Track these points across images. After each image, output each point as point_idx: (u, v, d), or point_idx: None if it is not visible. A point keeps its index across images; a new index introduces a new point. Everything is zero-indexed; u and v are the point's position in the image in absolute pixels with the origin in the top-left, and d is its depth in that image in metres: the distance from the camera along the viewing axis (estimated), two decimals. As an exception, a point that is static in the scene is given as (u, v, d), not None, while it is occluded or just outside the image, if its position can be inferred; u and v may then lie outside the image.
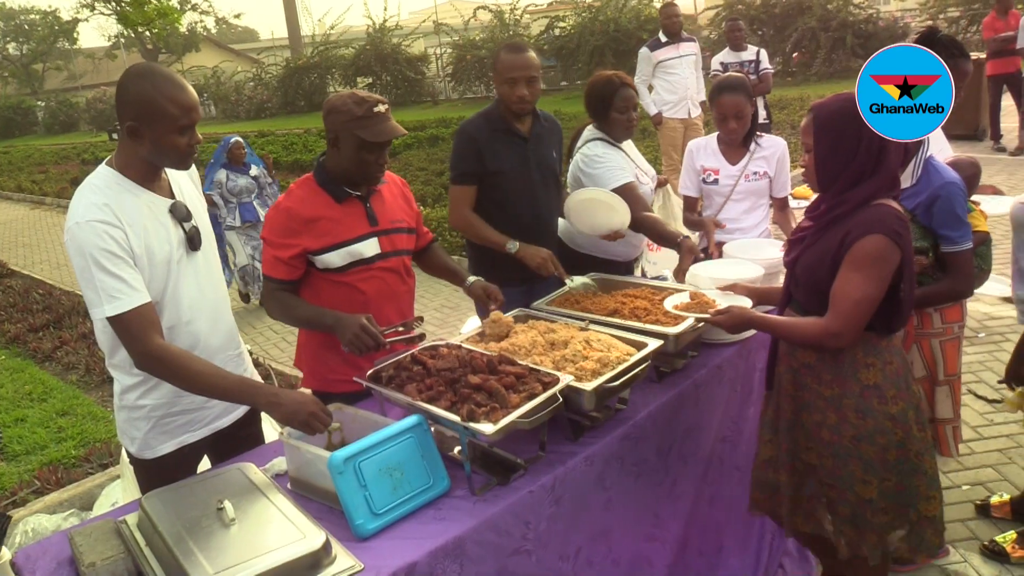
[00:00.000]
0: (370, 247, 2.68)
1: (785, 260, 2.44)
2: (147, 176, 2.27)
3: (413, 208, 2.93)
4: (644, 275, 4.05)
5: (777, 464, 2.49)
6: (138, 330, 2.11)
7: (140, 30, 30.62)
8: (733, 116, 3.49)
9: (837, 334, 2.18)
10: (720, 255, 3.26)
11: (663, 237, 3.34)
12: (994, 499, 3.34)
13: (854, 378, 2.26)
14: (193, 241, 2.34)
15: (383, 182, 2.78)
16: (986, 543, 3.13)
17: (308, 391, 2.95)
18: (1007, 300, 3.26)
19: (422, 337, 2.53)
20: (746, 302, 2.53)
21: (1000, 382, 3.65)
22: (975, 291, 2.97)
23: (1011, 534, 3.11)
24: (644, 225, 3.39)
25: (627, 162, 3.58)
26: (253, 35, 62.85)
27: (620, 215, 3.33)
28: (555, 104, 17.67)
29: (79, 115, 35.19)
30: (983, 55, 9.84)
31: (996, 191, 3.50)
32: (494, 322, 2.63)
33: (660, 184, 4.02)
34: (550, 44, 22.21)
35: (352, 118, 2.52)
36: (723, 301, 2.54)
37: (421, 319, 2.67)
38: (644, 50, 8.01)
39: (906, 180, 2.74)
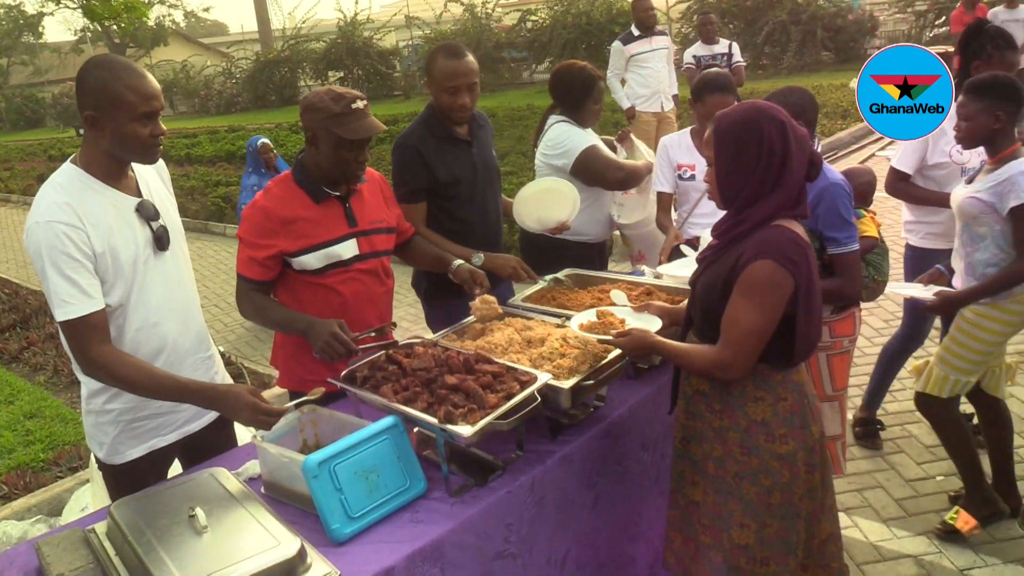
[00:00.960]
0: (348, 248, 2.63)
1: (690, 280, 2.33)
2: (112, 173, 2.21)
3: (393, 206, 2.87)
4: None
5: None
6: (84, 337, 2.10)
7: (107, 24, 30.10)
8: None
9: (726, 365, 2.06)
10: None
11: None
12: None
13: (742, 411, 2.13)
14: (161, 241, 2.29)
15: (363, 180, 2.72)
16: (939, 526, 3.19)
17: (281, 390, 2.91)
18: None
19: (395, 344, 2.48)
20: (655, 323, 2.40)
21: None
22: (866, 303, 2.91)
23: (955, 510, 3.19)
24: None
25: (595, 138, 3.62)
26: (222, 29, 61.94)
27: (569, 203, 3.30)
28: (528, 98, 17.65)
29: (45, 111, 34.53)
30: (951, 48, 9.95)
31: None
32: (484, 302, 2.60)
33: (623, 137, 4.02)
34: (522, 37, 22.19)
35: (330, 115, 2.46)
36: (633, 321, 2.43)
37: (394, 324, 2.62)
38: (617, 44, 7.98)
39: None
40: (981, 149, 3.23)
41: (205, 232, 10.68)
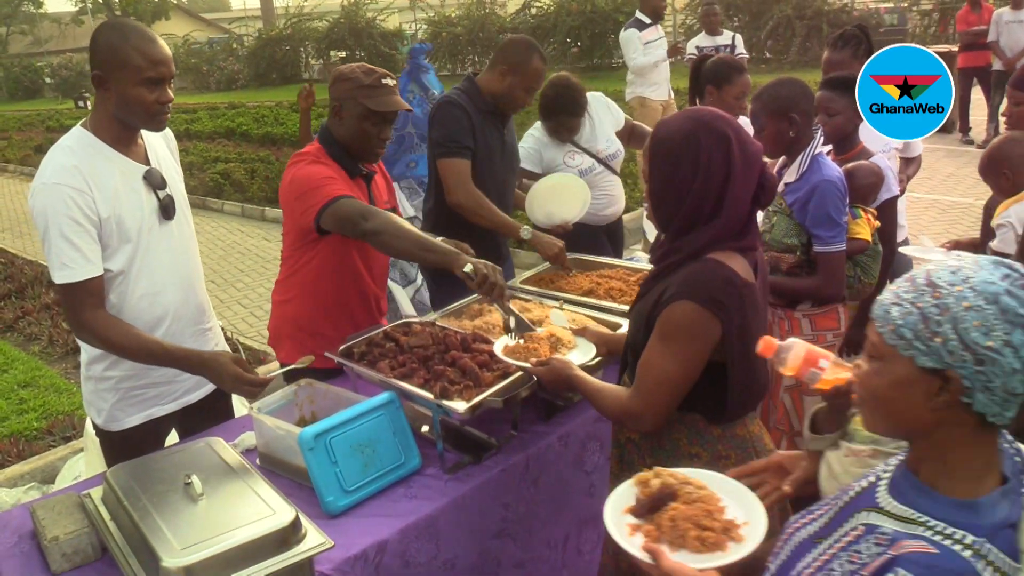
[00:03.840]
0: None
1: (628, 312, 2.10)
2: (121, 139, 2.21)
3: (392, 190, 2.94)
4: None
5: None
6: (79, 301, 2.12)
7: (108, -5, 29.90)
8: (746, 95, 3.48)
9: (637, 415, 1.78)
10: None
11: None
12: None
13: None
14: (167, 210, 2.29)
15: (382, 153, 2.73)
16: None
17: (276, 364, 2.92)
18: None
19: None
20: (590, 351, 2.17)
21: None
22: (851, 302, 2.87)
23: None
24: None
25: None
26: (224, 4, 61.52)
27: (580, 202, 3.34)
28: (530, 84, 17.58)
29: (43, 81, 34.34)
30: (955, 48, 9.94)
31: None
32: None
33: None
34: (525, 24, 22.11)
35: (359, 86, 2.51)
36: (573, 354, 2.16)
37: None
38: (632, 31, 7.73)
39: (792, 175, 2.70)
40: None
41: (203, 208, 10.64)
